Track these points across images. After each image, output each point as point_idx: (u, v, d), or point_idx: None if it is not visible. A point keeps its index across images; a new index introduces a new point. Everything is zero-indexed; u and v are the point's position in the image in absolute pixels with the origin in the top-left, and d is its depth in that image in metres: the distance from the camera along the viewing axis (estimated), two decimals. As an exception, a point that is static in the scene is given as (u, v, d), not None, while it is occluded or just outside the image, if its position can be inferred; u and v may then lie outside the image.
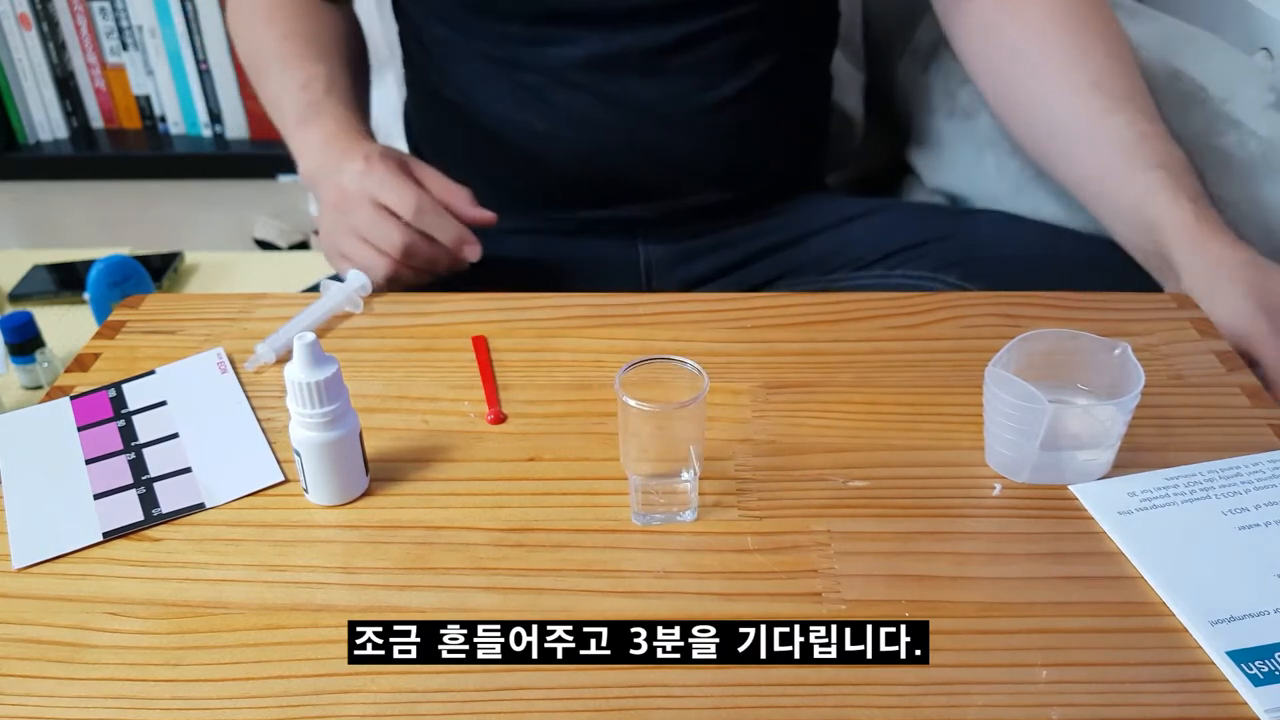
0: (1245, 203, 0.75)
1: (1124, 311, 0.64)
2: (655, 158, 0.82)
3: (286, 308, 0.67)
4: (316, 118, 0.77)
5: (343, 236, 0.71)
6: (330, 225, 0.73)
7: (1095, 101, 0.73)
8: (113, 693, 0.42)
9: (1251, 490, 0.50)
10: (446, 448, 0.55)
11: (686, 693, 0.41)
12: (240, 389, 0.60)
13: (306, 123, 0.78)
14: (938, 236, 0.80)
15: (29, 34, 2.06)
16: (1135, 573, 0.46)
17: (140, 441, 0.56)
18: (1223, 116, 0.79)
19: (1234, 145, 0.77)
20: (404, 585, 0.47)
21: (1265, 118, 0.77)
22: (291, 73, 0.81)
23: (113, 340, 0.65)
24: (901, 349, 0.61)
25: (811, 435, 0.55)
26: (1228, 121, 0.78)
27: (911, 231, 0.81)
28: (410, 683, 0.42)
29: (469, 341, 0.62)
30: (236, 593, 0.47)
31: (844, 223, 0.85)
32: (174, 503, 0.52)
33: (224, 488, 0.53)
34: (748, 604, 0.45)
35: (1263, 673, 0.41)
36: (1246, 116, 0.77)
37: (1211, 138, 0.78)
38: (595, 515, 0.50)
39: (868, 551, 0.48)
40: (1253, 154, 0.76)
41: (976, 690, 0.41)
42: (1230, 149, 0.77)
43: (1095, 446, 0.51)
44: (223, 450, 0.55)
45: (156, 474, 0.54)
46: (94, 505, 0.52)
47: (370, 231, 0.69)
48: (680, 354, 0.48)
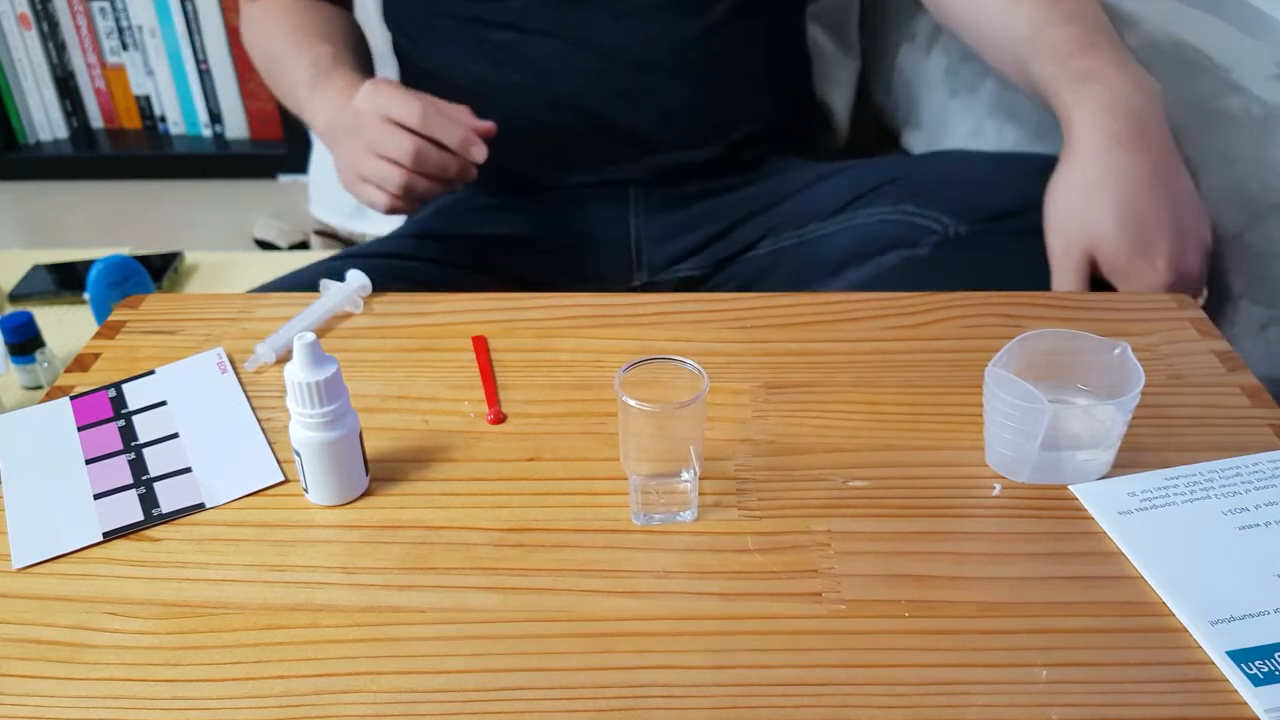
0: (1250, 160, 0.76)
1: (1124, 311, 0.64)
2: (633, 103, 0.86)
3: (287, 308, 0.67)
4: (327, 80, 0.83)
5: (358, 156, 0.75)
6: (346, 152, 0.77)
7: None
8: (113, 692, 0.42)
9: (1251, 490, 0.50)
10: (446, 448, 0.55)
11: (686, 693, 0.41)
12: (240, 389, 0.60)
13: (317, 88, 0.83)
14: (897, 176, 0.82)
15: (29, 34, 2.05)
16: (1135, 572, 0.46)
17: (140, 441, 0.56)
18: (1227, 83, 0.79)
19: (1238, 108, 0.77)
20: (404, 585, 0.47)
21: (1269, 86, 0.77)
22: (301, 55, 0.86)
23: (113, 340, 0.65)
24: (901, 349, 0.61)
25: (811, 435, 0.55)
26: (1232, 87, 0.79)
27: (875, 176, 0.84)
28: (410, 683, 0.42)
29: (469, 341, 0.62)
30: (237, 593, 0.47)
31: (815, 182, 0.88)
32: (174, 503, 0.52)
33: (224, 488, 0.53)
34: (747, 604, 0.45)
35: (1262, 672, 0.41)
36: (1251, 84, 0.78)
37: (1215, 100, 0.79)
38: (595, 515, 0.50)
39: (868, 551, 0.48)
40: (1256, 117, 0.76)
41: (976, 690, 0.41)
42: (1235, 111, 0.78)
43: (1095, 446, 0.51)
44: (223, 450, 0.55)
45: (156, 474, 0.54)
46: (94, 505, 0.52)
47: (383, 144, 0.73)
48: (680, 354, 0.48)
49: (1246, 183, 0.75)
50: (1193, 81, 0.80)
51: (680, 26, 0.85)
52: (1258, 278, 0.74)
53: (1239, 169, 0.76)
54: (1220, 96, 0.79)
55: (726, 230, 0.88)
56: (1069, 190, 0.68)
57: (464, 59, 0.88)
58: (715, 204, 0.89)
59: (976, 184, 0.78)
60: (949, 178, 0.80)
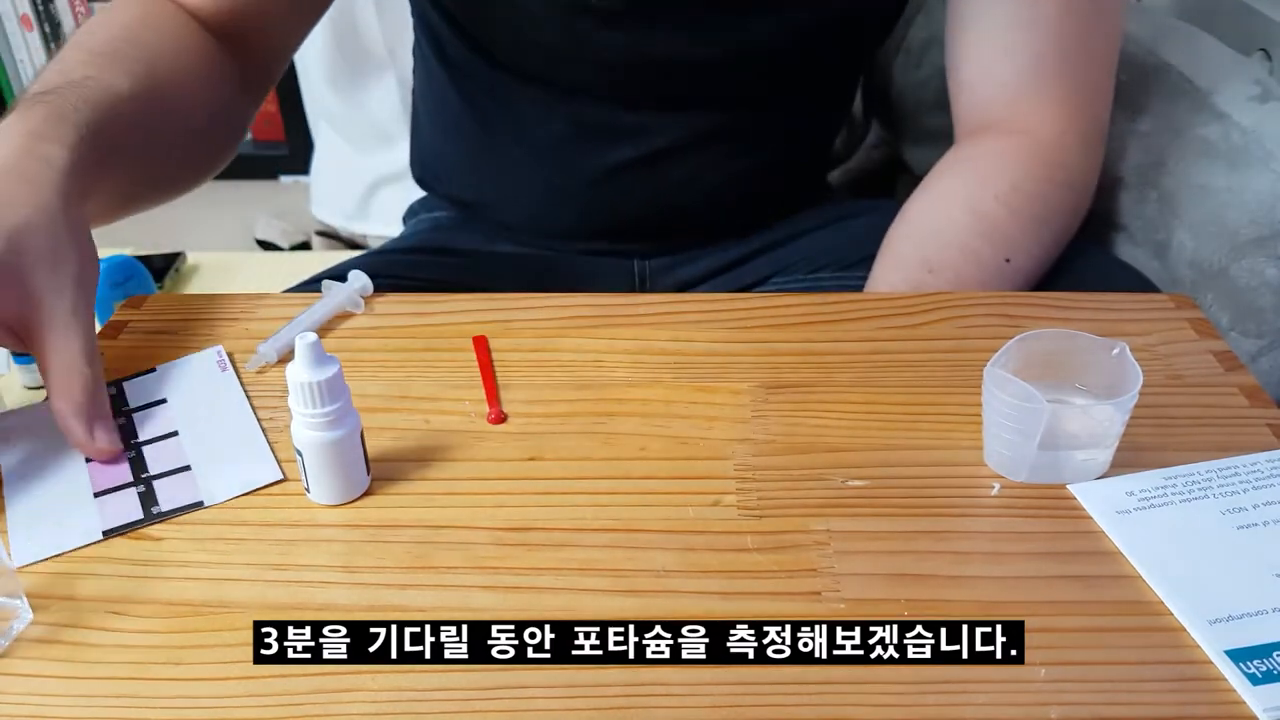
0: (1227, 191, 0.76)
1: (1122, 311, 0.64)
2: (659, 217, 0.84)
3: (288, 308, 0.67)
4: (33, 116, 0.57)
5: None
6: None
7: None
8: (113, 692, 0.42)
9: (1249, 490, 0.50)
10: (447, 447, 0.55)
11: (686, 691, 0.42)
12: (240, 387, 0.60)
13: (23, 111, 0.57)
14: None
15: (30, 35, 2.06)
16: (1133, 572, 0.46)
17: (140, 439, 0.56)
18: (1207, 108, 0.79)
19: (1218, 136, 0.77)
20: (405, 584, 0.47)
21: (1249, 109, 0.77)
22: (64, 69, 0.61)
23: (115, 340, 0.65)
24: (900, 349, 0.61)
25: (811, 435, 0.55)
26: (1212, 113, 0.79)
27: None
28: (410, 681, 0.42)
29: (469, 341, 0.63)
30: (238, 592, 0.47)
31: (833, 223, 0.86)
32: (173, 501, 0.52)
33: (223, 486, 0.53)
34: (747, 603, 0.45)
35: (1261, 672, 0.41)
36: (1231, 108, 0.78)
37: (1196, 128, 0.79)
38: (595, 515, 0.50)
39: (867, 551, 0.48)
40: (1235, 145, 0.76)
41: (976, 689, 0.41)
42: (1214, 139, 0.78)
43: (1093, 446, 0.51)
44: (221, 448, 0.55)
45: (156, 472, 0.54)
46: (95, 503, 0.52)
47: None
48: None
49: (1226, 214, 0.75)
50: (1174, 106, 0.80)
51: (723, 166, 0.82)
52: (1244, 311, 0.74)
53: (1219, 199, 0.76)
54: (1200, 123, 0.79)
55: (735, 263, 0.87)
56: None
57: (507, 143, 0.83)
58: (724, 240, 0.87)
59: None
60: None
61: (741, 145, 0.82)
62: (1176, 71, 0.82)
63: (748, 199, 0.85)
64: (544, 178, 0.83)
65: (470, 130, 0.86)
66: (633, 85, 0.78)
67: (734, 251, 0.86)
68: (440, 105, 0.89)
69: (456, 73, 0.85)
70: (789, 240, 0.86)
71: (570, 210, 0.83)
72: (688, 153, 0.81)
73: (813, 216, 0.87)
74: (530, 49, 0.78)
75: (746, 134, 0.82)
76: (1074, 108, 0.73)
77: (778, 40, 0.76)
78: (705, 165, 0.82)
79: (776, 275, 0.85)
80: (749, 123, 0.81)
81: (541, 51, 0.78)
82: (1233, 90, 0.79)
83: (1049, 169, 0.72)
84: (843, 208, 0.89)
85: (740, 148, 0.82)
